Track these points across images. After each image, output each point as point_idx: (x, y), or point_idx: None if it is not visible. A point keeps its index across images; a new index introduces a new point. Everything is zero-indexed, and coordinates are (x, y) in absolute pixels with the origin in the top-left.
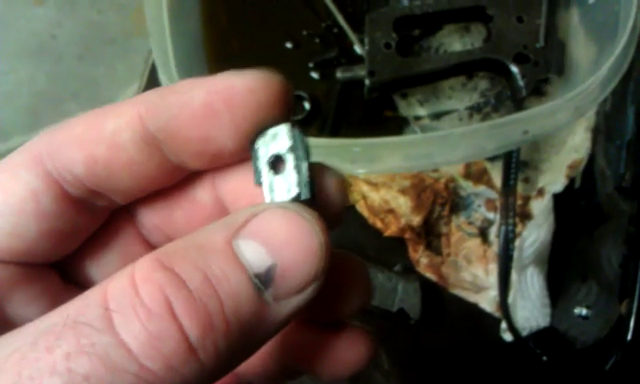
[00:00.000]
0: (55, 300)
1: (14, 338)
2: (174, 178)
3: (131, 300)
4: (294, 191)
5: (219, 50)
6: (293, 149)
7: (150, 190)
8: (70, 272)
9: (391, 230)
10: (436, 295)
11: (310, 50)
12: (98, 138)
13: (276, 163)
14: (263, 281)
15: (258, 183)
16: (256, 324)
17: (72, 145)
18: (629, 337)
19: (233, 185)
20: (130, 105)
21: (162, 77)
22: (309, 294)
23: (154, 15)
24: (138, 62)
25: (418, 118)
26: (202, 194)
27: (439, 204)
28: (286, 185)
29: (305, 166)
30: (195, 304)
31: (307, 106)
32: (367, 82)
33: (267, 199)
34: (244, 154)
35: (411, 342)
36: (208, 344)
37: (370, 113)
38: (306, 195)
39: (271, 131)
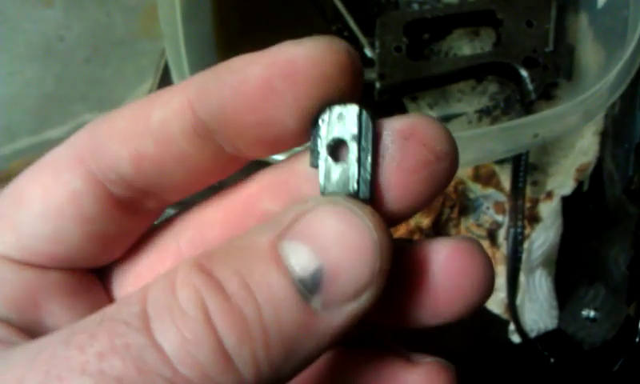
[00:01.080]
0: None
1: (49, 338)
2: (231, 169)
3: (168, 302)
4: (352, 186)
5: (231, 52)
6: (358, 137)
7: (205, 185)
8: (114, 280)
9: (400, 232)
10: None
11: None
12: (145, 131)
13: (337, 148)
14: (309, 286)
15: (314, 166)
16: (302, 335)
17: (116, 141)
18: (637, 339)
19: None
20: (178, 90)
21: (175, 78)
22: (365, 301)
23: (168, 18)
24: (146, 63)
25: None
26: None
27: (448, 206)
28: (344, 176)
29: (369, 160)
30: (231, 309)
31: None
32: (377, 84)
33: (321, 187)
34: (308, 136)
35: (419, 344)
36: (245, 354)
37: (379, 115)
38: (364, 194)
39: (337, 110)
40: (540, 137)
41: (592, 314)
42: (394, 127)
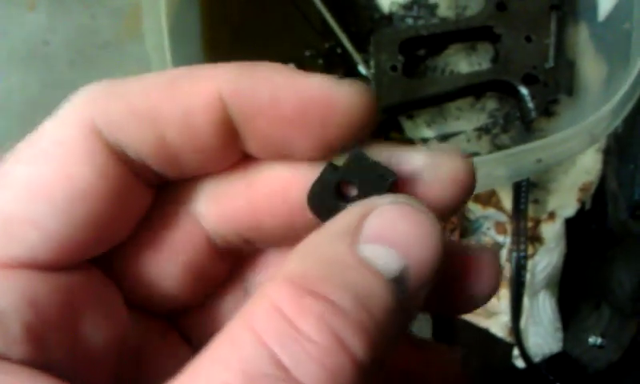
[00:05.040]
0: (98, 300)
1: None
2: (235, 162)
3: (294, 338)
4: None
5: None
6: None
7: (209, 172)
8: (120, 263)
9: None
10: (447, 320)
11: (313, 71)
12: (171, 118)
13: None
14: (400, 285)
15: (314, 205)
16: (399, 326)
17: (138, 123)
18: None
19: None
20: (209, 79)
21: None
22: (433, 283)
23: (155, 42)
24: (133, 65)
25: (425, 140)
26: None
27: (449, 229)
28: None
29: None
30: (359, 328)
31: None
32: None
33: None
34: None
35: None
36: (376, 365)
37: (375, 135)
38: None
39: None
40: (543, 163)
41: (599, 341)
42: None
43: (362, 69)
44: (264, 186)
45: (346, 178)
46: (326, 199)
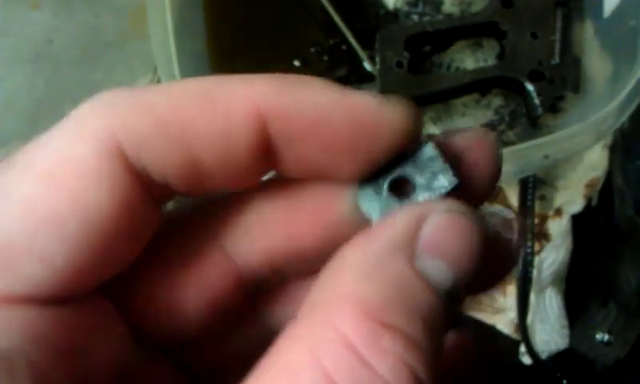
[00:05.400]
0: (102, 331)
1: None
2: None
3: (370, 379)
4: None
5: (226, 70)
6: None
7: (234, 190)
8: (132, 294)
9: None
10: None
11: (318, 68)
12: (206, 137)
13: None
14: (451, 298)
15: (364, 209)
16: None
17: (166, 139)
18: None
19: None
20: (247, 93)
21: None
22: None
23: (160, 38)
24: (137, 64)
25: (430, 137)
26: None
27: None
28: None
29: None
30: (429, 360)
31: None
32: None
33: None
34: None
35: None
36: None
37: None
38: (453, 182)
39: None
40: (551, 158)
41: (606, 337)
42: (467, 137)
43: (367, 65)
44: (305, 209)
45: (402, 174)
46: (379, 197)
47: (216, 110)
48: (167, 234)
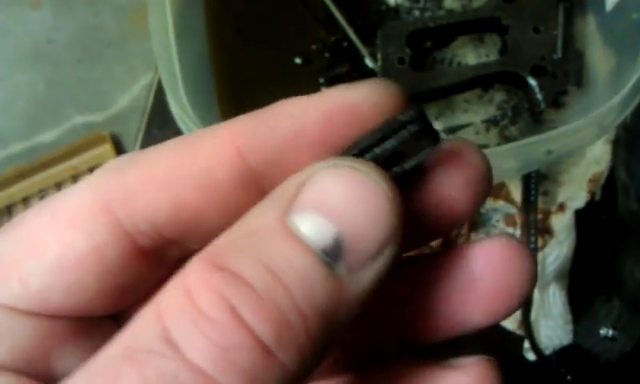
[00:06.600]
0: (76, 344)
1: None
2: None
3: (190, 313)
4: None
5: (227, 68)
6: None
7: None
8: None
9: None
10: None
11: (320, 66)
12: (186, 179)
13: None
14: (332, 254)
15: None
16: (335, 306)
17: (154, 188)
18: None
19: None
20: (226, 134)
21: (169, 98)
22: (388, 257)
23: (161, 38)
24: (138, 63)
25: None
26: None
27: None
28: None
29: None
30: (263, 302)
31: None
32: None
33: None
34: None
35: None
36: (287, 343)
37: None
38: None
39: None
40: (554, 154)
41: (610, 332)
42: (443, 147)
43: (368, 62)
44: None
45: (377, 141)
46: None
47: (198, 154)
48: None
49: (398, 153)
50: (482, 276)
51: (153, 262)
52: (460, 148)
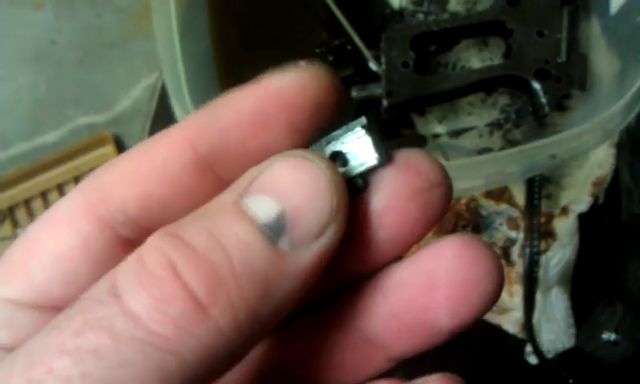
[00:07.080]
0: None
1: (34, 335)
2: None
3: (136, 271)
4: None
5: (230, 70)
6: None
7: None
8: None
9: (413, 253)
10: None
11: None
12: (149, 172)
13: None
14: (275, 229)
15: None
16: (275, 276)
17: (122, 184)
18: None
19: None
20: (178, 131)
21: (173, 100)
22: (330, 238)
23: (165, 39)
24: (139, 64)
25: (436, 136)
26: None
27: (461, 226)
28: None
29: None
30: (199, 260)
31: None
32: (385, 102)
33: None
34: None
35: (433, 366)
36: (219, 300)
37: (386, 132)
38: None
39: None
40: (557, 158)
41: (613, 336)
42: (394, 157)
43: (372, 65)
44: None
45: (334, 149)
46: None
47: (156, 151)
48: None
49: (344, 157)
50: (438, 274)
51: (134, 248)
52: (408, 157)
